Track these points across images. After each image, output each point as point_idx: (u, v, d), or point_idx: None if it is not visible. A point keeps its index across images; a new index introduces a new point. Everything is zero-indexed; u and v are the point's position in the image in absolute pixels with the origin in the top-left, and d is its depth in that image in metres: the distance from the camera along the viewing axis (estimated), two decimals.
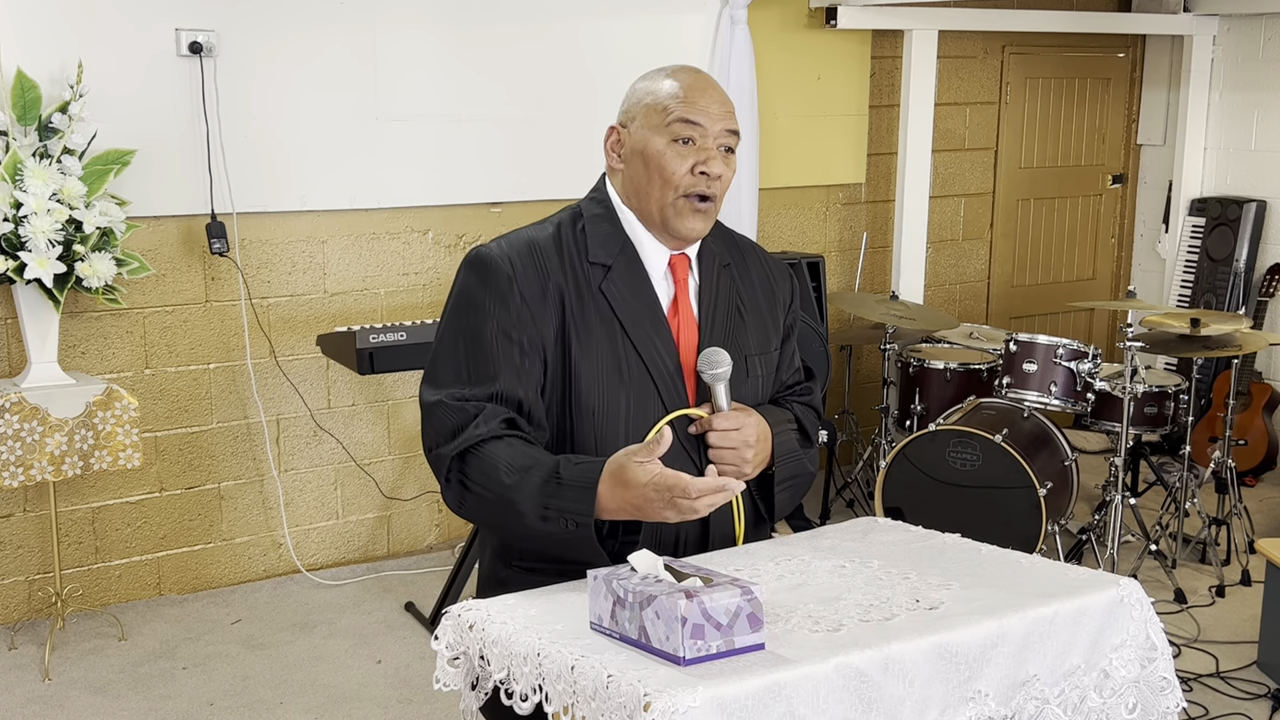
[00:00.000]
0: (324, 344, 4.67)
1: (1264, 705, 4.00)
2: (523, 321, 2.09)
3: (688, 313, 2.20)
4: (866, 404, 6.16)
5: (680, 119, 2.13)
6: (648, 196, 2.16)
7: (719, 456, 2.12)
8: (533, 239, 2.17)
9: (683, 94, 2.14)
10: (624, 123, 2.21)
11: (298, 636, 4.48)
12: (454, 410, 2.07)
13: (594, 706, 1.65)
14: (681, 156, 2.13)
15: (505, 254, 2.13)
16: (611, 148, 2.23)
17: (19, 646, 4.35)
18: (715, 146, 2.15)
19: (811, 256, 5.61)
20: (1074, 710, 1.89)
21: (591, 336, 2.11)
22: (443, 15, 4.98)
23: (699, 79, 2.18)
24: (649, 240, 2.20)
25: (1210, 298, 6.59)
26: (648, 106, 2.16)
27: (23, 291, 4.12)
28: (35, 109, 4.12)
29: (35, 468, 4.09)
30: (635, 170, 2.17)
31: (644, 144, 2.15)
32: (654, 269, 2.19)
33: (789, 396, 2.38)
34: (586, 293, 2.13)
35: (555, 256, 2.14)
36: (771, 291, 2.35)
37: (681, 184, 2.13)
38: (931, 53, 6.09)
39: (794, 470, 2.27)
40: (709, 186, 2.14)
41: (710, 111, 2.14)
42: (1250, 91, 6.58)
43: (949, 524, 2.39)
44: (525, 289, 2.10)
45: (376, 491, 5.14)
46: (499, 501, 2.02)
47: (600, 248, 2.16)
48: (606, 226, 2.19)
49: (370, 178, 4.93)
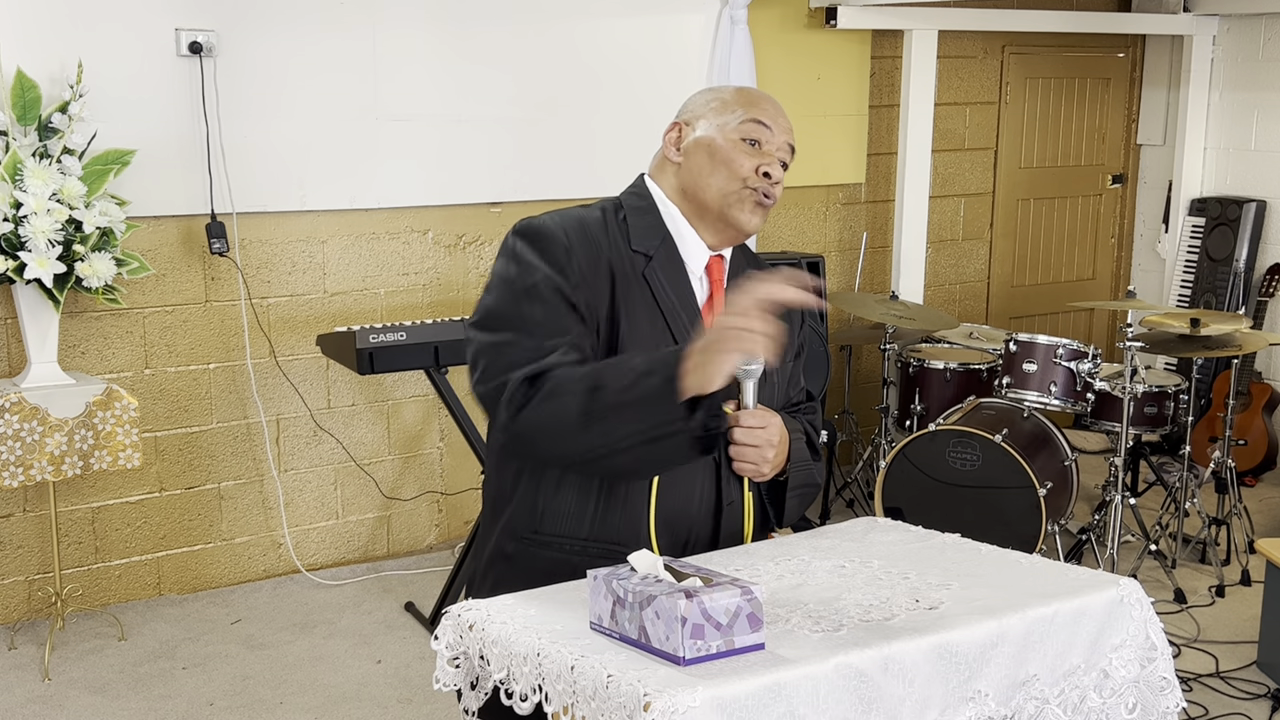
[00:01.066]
0: (324, 344, 4.67)
1: (1264, 705, 4.00)
2: (581, 288, 2.09)
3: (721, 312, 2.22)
4: (866, 404, 6.17)
5: (752, 119, 2.18)
6: (708, 187, 2.18)
7: (740, 453, 2.12)
8: (583, 217, 2.18)
9: (752, 99, 2.22)
10: (688, 120, 2.24)
11: (298, 636, 4.48)
12: (526, 349, 2.04)
13: (594, 706, 1.65)
14: (749, 155, 2.17)
15: (560, 225, 2.13)
16: (671, 141, 2.25)
17: (19, 646, 4.35)
18: (777, 153, 2.20)
19: (811, 256, 5.61)
20: (1074, 710, 1.89)
21: (635, 317, 2.12)
22: (443, 15, 4.98)
23: (766, 95, 2.27)
24: (690, 237, 2.21)
25: (1210, 298, 6.59)
26: (718, 105, 2.22)
27: (23, 291, 4.12)
28: (35, 109, 4.12)
29: (35, 468, 4.09)
30: (697, 162, 2.19)
31: (711, 138, 2.19)
32: (692, 266, 2.21)
33: (794, 414, 2.39)
34: (632, 276, 2.14)
35: (604, 236, 2.15)
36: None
37: (748, 179, 2.17)
38: (931, 53, 6.09)
39: (805, 479, 2.28)
40: (770, 189, 2.18)
41: (778, 121, 2.21)
42: (1250, 91, 6.58)
43: (949, 524, 2.39)
44: (582, 260, 2.10)
45: (376, 491, 5.14)
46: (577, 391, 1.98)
47: (642, 237, 2.18)
48: (648, 218, 2.21)
49: (370, 178, 4.93)
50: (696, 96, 2.28)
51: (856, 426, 6.02)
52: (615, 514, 2.11)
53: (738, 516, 2.20)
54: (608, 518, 2.12)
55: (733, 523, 2.20)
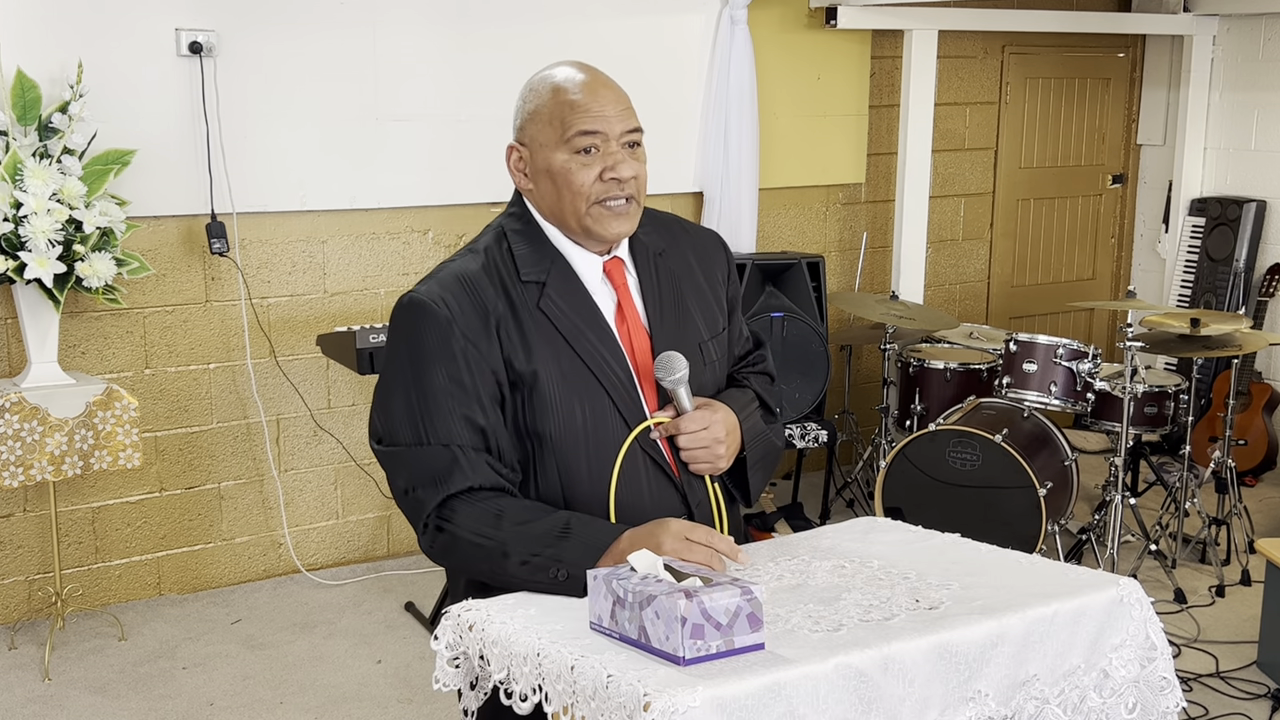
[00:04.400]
0: (324, 344, 4.67)
1: (1264, 705, 4.00)
2: (470, 364, 2.02)
3: (634, 317, 2.15)
4: (866, 404, 6.16)
5: (578, 131, 2.05)
6: (563, 211, 2.09)
7: (692, 458, 2.10)
8: (461, 272, 2.08)
9: (577, 99, 2.06)
10: (522, 140, 2.13)
11: (298, 636, 4.48)
12: (427, 459, 2.01)
13: (594, 706, 1.65)
14: (587, 166, 2.06)
15: (438, 295, 2.05)
16: (515, 167, 2.15)
17: (19, 646, 4.35)
18: (620, 147, 2.07)
19: (811, 256, 5.60)
20: (1074, 710, 1.89)
21: (537, 358, 2.05)
22: (443, 15, 4.98)
23: (590, 79, 2.09)
24: (577, 251, 2.13)
25: (1210, 298, 6.59)
26: (544, 120, 2.08)
27: (23, 291, 4.12)
28: (35, 109, 4.12)
29: (35, 468, 4.09)
30: (545, 188, 2.11)
31: (547, 162, 2.08)
32: (589, 278, 2.13)
33: (744, 369, 2.34)
34: (525, 314, 2.06)
35: (489, 285, 2.07)
36: (709, 268, 2.28)
37: (593, 193, 2.07)
38: (931, 53, 6.09)
39: (764, 449, 2.24)
40: (622, 189, 2.07)
41: (607, 114, 2.06)
42: (1250, 91, 6.58)
43: (949, 524, 2.39)
44: (466, 329, 2.03)
45: (376, 491, 5.14)
46: (486, 548, 1.97)
47: (531, 266, 2.09)
48: (532, 244, 2.12)
49: (370, 178, 4.93)
50: (524, 100, 2.14)
51: (856, 426, 6.02)
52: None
53: (708, 514, 2.17)
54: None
55: (705, 520, 2.16)
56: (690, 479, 2.14)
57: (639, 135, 2.11)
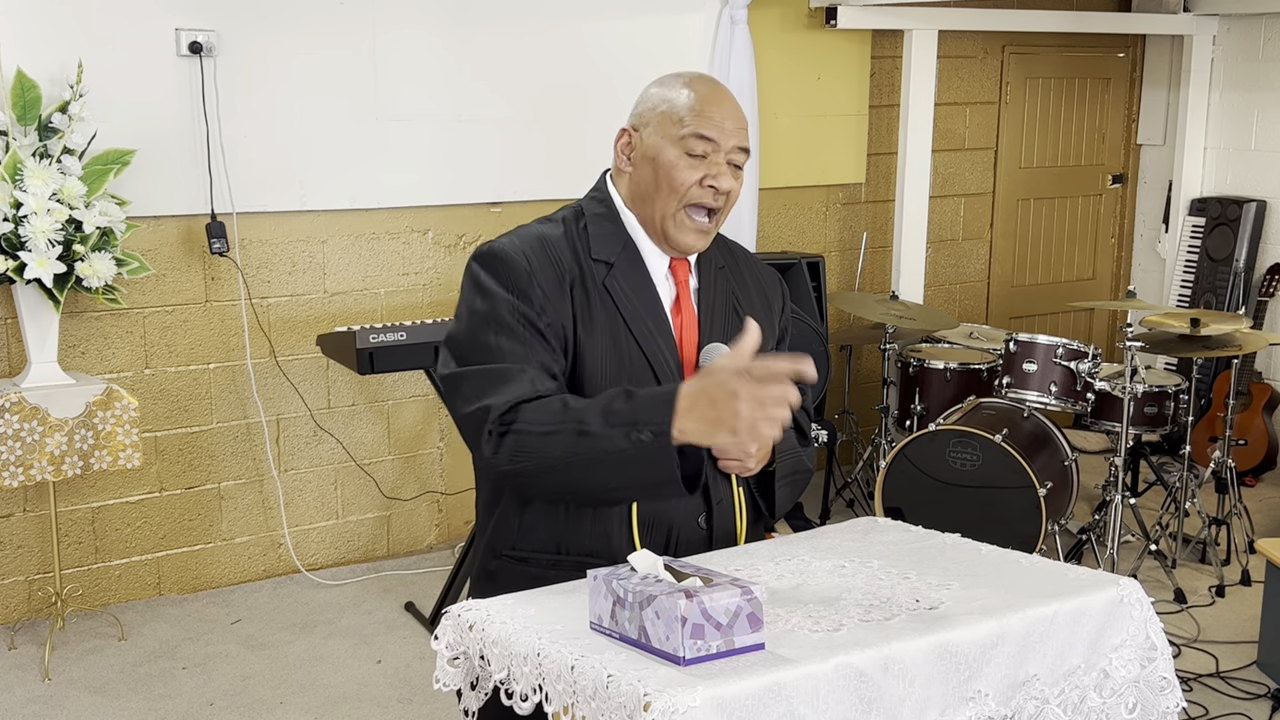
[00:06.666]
0: (324, 344, 4.67)
1: (1264, 705, 4.00)
2: (545, 312, 2.08)
3: (689, 312, 2.21)
4: (866, 404, 6.16)
5: (695, 133, 2.13)
6: (652, 203, 2.17)
7: (723, 451, 2.12)
8: (543, 234, 2.17)
9: (699, 106, 2.14)
10: (636, 126, 2.21)
11: (298, 636, 4.48)
12: (495, 372, 2.04)
13: (594, 706, 1.65)
14: (692, 168, 2.14)
15: (519, 248, 2.13)
16: (621, 150, 2.23)
17: (19, 646, 4.35)
18: (725, 162, 2.15)
19: (811, 256, 5.61)
20: (1074, 710, 1.89)
21: (597, 330, 2.12)
22: (443, 15, 4.98)
23: (716, 91, 2.18)
24: (648, 242, 2.21)
25: (1210, 298, 6.59)
26: (663, 114, 2.16)
27: (23, 291, 4.12)
28: (35, 109, 4.12)
29: (35, 468, 4.09)
30: (644, 175, 2.18)
31: (656, 151, 2.16)
32: (655, 269, 2.21)
33: None
34: (593, 287, 2.14)
35: (566, 250, 2.15)
36: (765, 297, 2.36)
37: (689, 194, 2.14)
38: (931, 53, 6.09)
39: (793, 466, 2.27)
40: (715, 199, 2.15)
41: (725, 127, 2.14)
42: (1250, 91, 6.58)
43: (949, 524, 2.39)
44: (543, 281, 2.10)
45: (376, 491, 5.14)
46: (561, 431, 1.96)
47: (603, 245, 2.17)
48: (609, 225, 2.20)
49: (370, 178, 4.93)
50: (649, 94, 2.22)
51: (856, 426, 6.02)
52: (584, 526, 2.11)
53: (729, 514, 2.20)
54: (577, 530, 2.11)
55: (725, 520, 2.20)
56: (716, 475, 2.16)
57: (745, 157, 2.19)
